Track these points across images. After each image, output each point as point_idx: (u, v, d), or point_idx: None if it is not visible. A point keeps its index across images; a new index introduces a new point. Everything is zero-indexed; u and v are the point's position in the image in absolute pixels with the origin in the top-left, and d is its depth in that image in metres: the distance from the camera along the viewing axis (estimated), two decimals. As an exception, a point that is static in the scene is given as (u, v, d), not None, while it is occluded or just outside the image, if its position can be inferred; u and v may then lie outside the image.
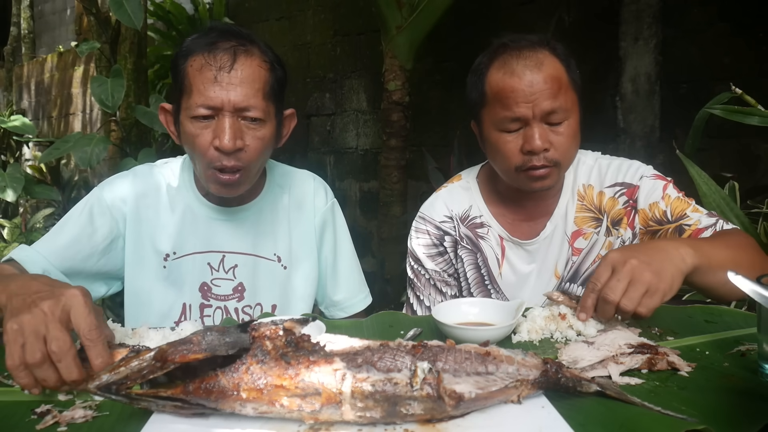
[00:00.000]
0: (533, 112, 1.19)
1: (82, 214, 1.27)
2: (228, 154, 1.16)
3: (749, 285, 0.73)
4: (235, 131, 1.15)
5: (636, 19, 2.73)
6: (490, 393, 0.71)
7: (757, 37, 2.47)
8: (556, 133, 1.21)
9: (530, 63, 1.20)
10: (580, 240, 1.35)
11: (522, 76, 1.19)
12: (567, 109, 1.21)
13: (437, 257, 1.40)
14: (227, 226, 1.32)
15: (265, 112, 1.19)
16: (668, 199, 1.28)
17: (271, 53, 1.23)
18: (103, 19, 3.29)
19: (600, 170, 1.36)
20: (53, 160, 4.31)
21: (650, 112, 2.74)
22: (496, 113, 1.23)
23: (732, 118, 1.71)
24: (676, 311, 1.09)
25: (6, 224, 4.58)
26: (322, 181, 1.46)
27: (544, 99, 1.18)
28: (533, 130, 1.20)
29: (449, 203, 1.42)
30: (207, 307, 1.31)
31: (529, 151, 1.21)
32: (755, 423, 0.66)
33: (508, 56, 1.23)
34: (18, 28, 9.39)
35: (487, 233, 1.39)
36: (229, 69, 1.15)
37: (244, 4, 5.04)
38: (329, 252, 1.42)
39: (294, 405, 0.68)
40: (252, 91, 1.16)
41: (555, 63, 1.22)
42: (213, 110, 1.16)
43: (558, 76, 1.21)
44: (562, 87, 1.21)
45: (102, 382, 0.69)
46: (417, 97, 3.07)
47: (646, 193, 1.30)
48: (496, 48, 1.27)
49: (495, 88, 1.23)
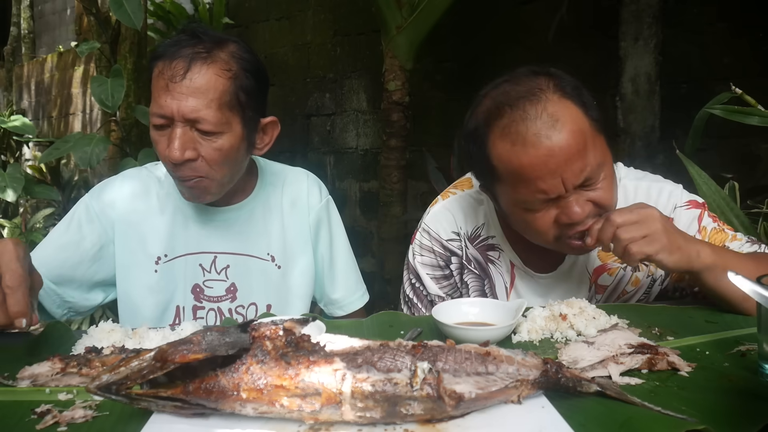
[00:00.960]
0: (565, 185, 0.98)
1: (71, 223, 1.28)
2: (178, 164, 1.14)
3: (749, 285, 0.73)
4: (184, 142, 1.12)
5: (636, 19, 2.73)
6: (490, 393, 0.71)
7: (757, 37, 2.47)
8: (594, 190, 1.02)
9: (542, 124, 0.97)
10: (604, 276, 1.21)
11: (538, 144, 0.96)
12: (600, 163, 1.01)
13: (442, 281, 1.27)
14: (218, 226, 1.31)
15: (221, 124, 1.13)
16: (705, 231, 1.17)
17: (241, 61, 1.17)
18: (103, 19, 3.29)
19: (626, 194, 1.19)
20: (53, 160, 4.31)
21: (650, 112, 2.74)
22: (517, 193, 1.02)
23: (732, 118, 1.71)
24: (676, 311, 1.09)
25: (6, 224, 4.58)
26: (316, 179, 1.44)
27: (573, 167, 0.97)
28: (569, 202, 1.00)
29: (458, 218, 1.25)
30: (200, 309, 1.31)
31: (569, 225, 1.02)
32: (755, 423, 0.66)
33: (510, 120, 0.99)
34: (18, 28, 9.39)
35: (498, 258, 1.24)
36: (181, 78, 1.11)
37: (244, 4, 5.03)
38: (325, 250, 1.41)
39: (294, 405, 0.68)
40: (204, 102, 1.11)
41: (570, 110, 0.99)
42: (166, 119, 1.13)
43: (580, 129, 0.98)
44: (588, 139, 0.99)
45: (102, 382, 0.69)
46: (417, 97, 3.07)
47: (681, 226, 1.13)
48: (491, 107, 1.03)
49: (507, 164, 1.00)
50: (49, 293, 1.22)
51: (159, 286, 1.29)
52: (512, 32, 3.19)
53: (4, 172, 3.01)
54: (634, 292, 1.24)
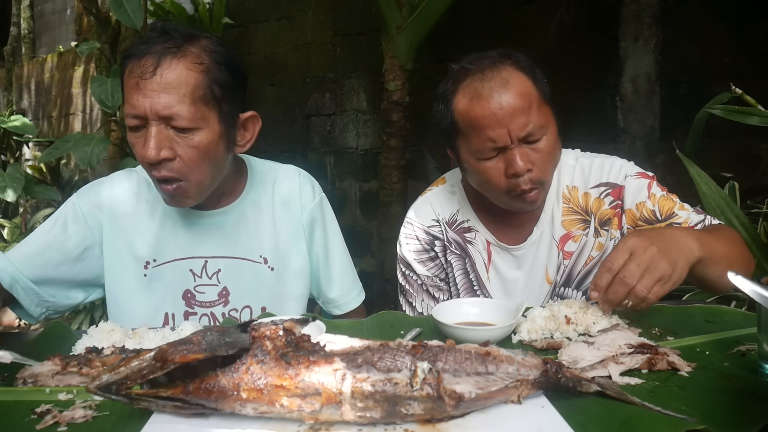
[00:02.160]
0: (510, 136, 1.15)
1: (56, 223, 1.26)
2: (155, 164, 1.11)
3: (749, 285, 0.73)
4: (159, 141, 1.09)
5: (636, 19, 2.73)
6: (490, 393, 0.71)
7: (757, 37, 2.47)
8: (536, 150, 1.18)
9: (495, 84, 1.16)
10: (570, 243, 1.34)
11: (490, 99, 1.15)
12: (542, 125, 1.18)
13: (428, 262, 1.39)
14: (208, 230, 1.29)
15: (196, 119, 1.10)
16: (654, 198, 1.28)
17: (213, 54, 1.14)
18: (103, 19, 3.29)
19: (583, 170, 1.34)
20: (53, 160, 4.32)
21: (650, 112, 2.74)
22: (471, 142, 1.20)
23: (732, 118, 1.71)
24: (676, 311, 1.09)
25: (6, 224, 4.58)
26: (309, 176, 1.41)
27: (517, 120, 1.15)
28: (513, 152, 1.16)
29: (436, 207, 1.40)
30: (192, 315, 1.28)
31: (513, 174, 1.18)
32: (755, 423, 0.66)
33: (471, 80, 1.19)
34: (18, 28, 9.38)
35: (475, 238, 1.38)
36: (151, 74, 1.07)
37: (244, 4, 5.03)
38: (320, 250, 1.39)
39: (294, 405, 0.68)
40: (176, 97, 1.08)
41: (520, 78, 1.18)
42: (140, 119, 1.10)
43: (526, 92, 1.17)
44: (533, 102, 1.17)
45: (102, 382, 0.69)
46: (417, 97, 3.07)
47: (632, 192, 1.29)
48: (458, 72, 1.23)
49: (465, 116, 1.19)
50: (29, 293, 1.21)
51: (148, 291, 1.27)
52: (512, 32, 3.19)
53: (4, 172, 3.01)
54: (599, 257, 1.33)
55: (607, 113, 2.85)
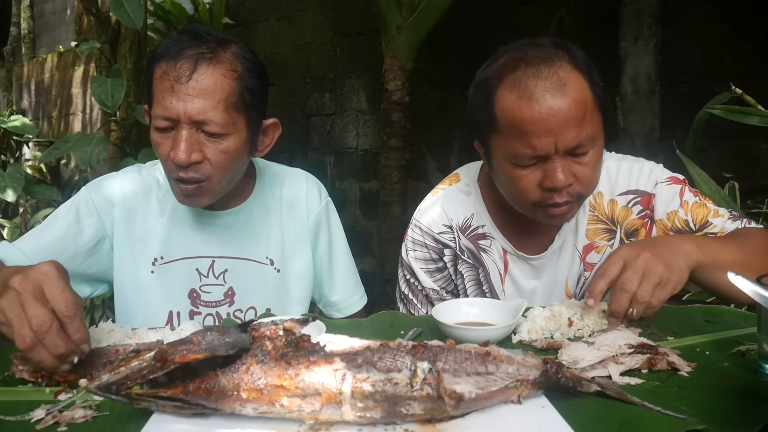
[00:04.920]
0: (556, 147, 1.02)
1: (68, 214, 1.25)
2: (184, 167, 1.12)
3: (749, 285, 0.73)
4: (190, 145, 1.10)
5: (636, 19, 2.73)
6: (490, 393, 0.71)
7: (757, 37, 2.47)
8: (580, 164, 1.06)
9: (550, 84, 1.01)
10: (592, 254, 1.25)
11: (541, 101, 1.01)
12: (592, 137, 1.05)
13: (436, 273, 1.29)
14: (216, 230, 1.30)
15: (228, 125, 1.12)
16: (687, 206, 1.19)
17: (245, 61, 1.16)
18: (103, 19, 3.29)
19: (609, 175, 1.23)
20: (53, 160, 4.31)
21: (650, 112, 2.74)
22: (509, 146, 1.06)
23: (732, 118, 1.71)
24: (676, 311, 1.09)
25: (6, 224, 4.58)
26: (316, 180, 1.41)
27: (568, 131, 1.01)
28: (555, 165, 1.04)
29: (448, 210, 1.28)
30: (197, 315, 1.29)
31: (550, 188, 1.05)
32: (755, 423, 0.66)
33: (522, 73, 1.04)
34: (18, 28, 9.38)
35: (490, 246, 1.26)
36: (187, 79, 1.09)
37: (244, 4, 5.03)
38: (324, 253, 1.39)
39: (294, 405, 0.68)
40: (211, 103, 1.10)
41: (579, 80, 1.04)
42: (171, 121, 1.11)
43: (582, 98, 1.03)
44: (588, 111, 1.04)
45: (102, 382, 0.69)
46: (417, 97, 3.07)
47: (663, 201, 1.20)
48: (507, 61, 1.08)
49: (509, 115, 1.04)
50: None
51: (155, 288, 1.28)
52: (512, 32, 3.19)
53: (4, 172, 3.01)
54: None
55: (607, 113, 2.85)
